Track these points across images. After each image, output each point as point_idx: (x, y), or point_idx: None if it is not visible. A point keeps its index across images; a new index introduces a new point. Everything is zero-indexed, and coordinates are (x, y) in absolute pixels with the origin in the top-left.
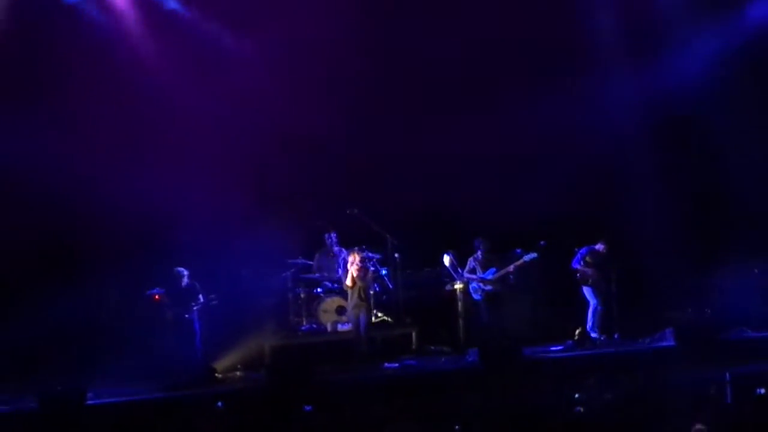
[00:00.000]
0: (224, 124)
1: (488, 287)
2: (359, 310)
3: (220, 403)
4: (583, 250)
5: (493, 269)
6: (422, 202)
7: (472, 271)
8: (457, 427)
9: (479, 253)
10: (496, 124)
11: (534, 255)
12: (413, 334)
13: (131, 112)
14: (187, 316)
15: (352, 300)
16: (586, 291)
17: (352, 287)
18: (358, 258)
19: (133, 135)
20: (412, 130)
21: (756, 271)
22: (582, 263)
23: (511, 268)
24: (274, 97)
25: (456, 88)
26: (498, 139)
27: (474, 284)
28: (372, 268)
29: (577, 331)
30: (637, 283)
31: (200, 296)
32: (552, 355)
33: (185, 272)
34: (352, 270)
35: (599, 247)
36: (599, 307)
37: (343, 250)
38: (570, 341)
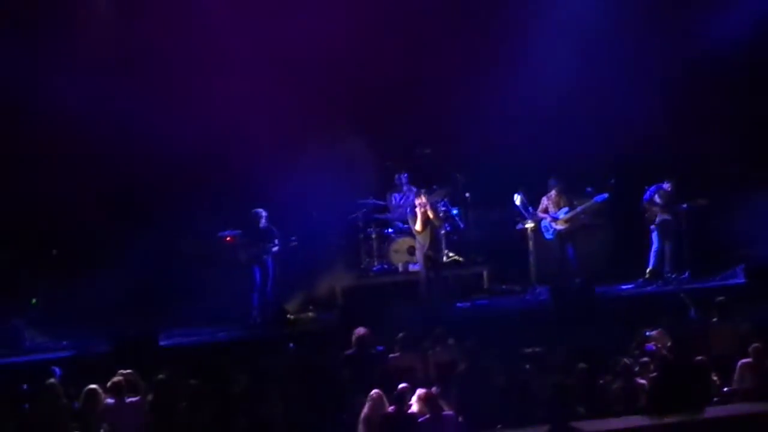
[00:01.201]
0: (297, 69)
1: (560, 226)
2: (430, 255)
3: (291, 345)
4: (651, 189)
5: (566, 208)
6: (493, 141)
7: (545, 209)
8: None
9: (553, 192)
10: (562, 66)
11: (605, 195)
12: (484, 274)
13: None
14: (264, 256)
15: (422, 244)
16: (653, 230)
17: (421, 231)
18: (425, 200)
19: (205, 79)
20: (482, 72)
21: None
22: (650, 202)
23: (580, 209)
24: (346, 41)
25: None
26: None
27: (545, 223)
28: (443, 208)
29: (648, 270)
30: (708, 221)
31: (276, 239)
32: (623, 292)
33: (263, 213)
34: (420, 213)
35: (666, 186)
36: (665, 247)
37: (414, 189)
38: (641, 279)
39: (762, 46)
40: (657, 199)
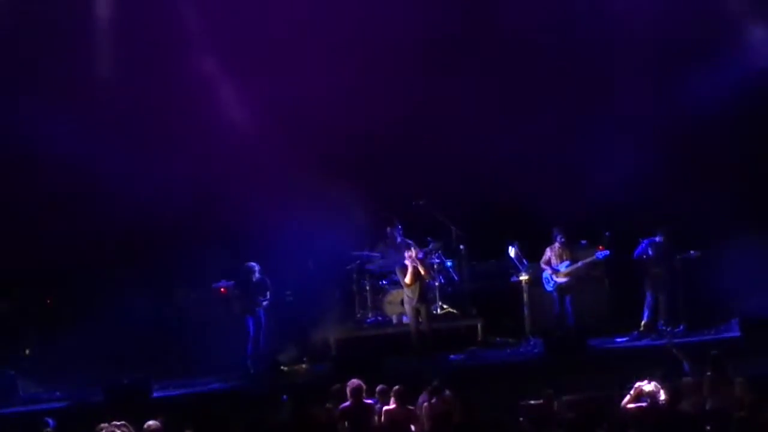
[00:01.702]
0: (294, 122)
1: (560, 279)
2: (419, 308)
3: (285, 397)
4: (644, 242)
5: (568, 261)
6: (487, 194)
7: (548, 261)
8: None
9: (557, 244)
10: (558, 120)
11: (606, 253)
12: (478, 326)
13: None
14: (257, 309)
15: (410, 298)
16: (646, 284)
17: (410, 285)
18: (415, 254)
19: (202, 132)
20: (478, 126)
21: None
22: (643, 255)
23: (581, 264)
24: (341, 93)
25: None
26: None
27: (546, 275)
28: (437, 260)
29: (642, 323)
30: (702, 273)
31: (268, 292)
32: (617, 345)
33: (257, 267)
34: (411, 267)
35: (658, 239)
36: (659, 300)
37: (408, 241)
38: (635, 332)
39: (753, 100)
40: (650, 252)
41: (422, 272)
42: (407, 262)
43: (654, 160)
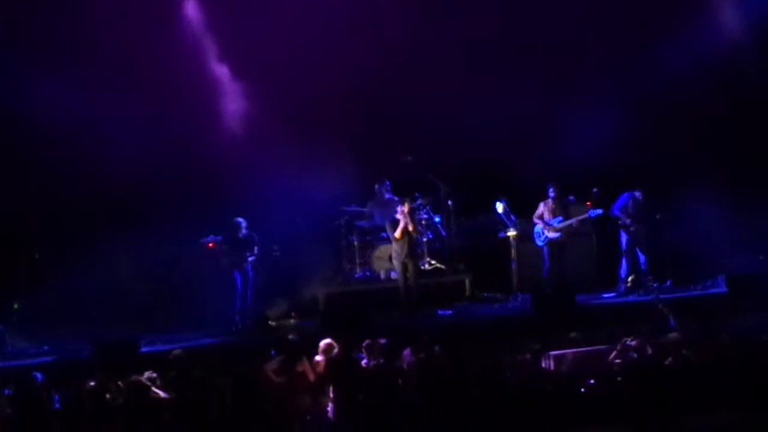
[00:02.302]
0: (281, 77)
1: (552, 234)
2: (407, 263)
3: (273, 351)
4: (623, 197)
5: (560, 217)
6: (475, 150)
7: (540, 216)
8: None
9: (550, 199)
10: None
11: (600, 212)
12: (466, 281)
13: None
14: (244, 264)
15: (399, 253)
16: (623, 238)
17: (399, 239)
18: (407, 209)
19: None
20: (468, 82)
21: None
22: (621, 210)
23: (574, 220)
24: (329, 47)
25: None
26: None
27: (538, 229)
28: (425, 216)
29: (630, 278)
30: (690, 229)
31: (255, 247)
32: (604, 301)
33: (243, 222)
34: (402, 222)
35: (637, 194)
36: (639, 257)
37: (396, 198)
38: (622, 288)
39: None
40: (630, 208)
41: (411, 228)
42: (399, 216)
43: (636, 120)
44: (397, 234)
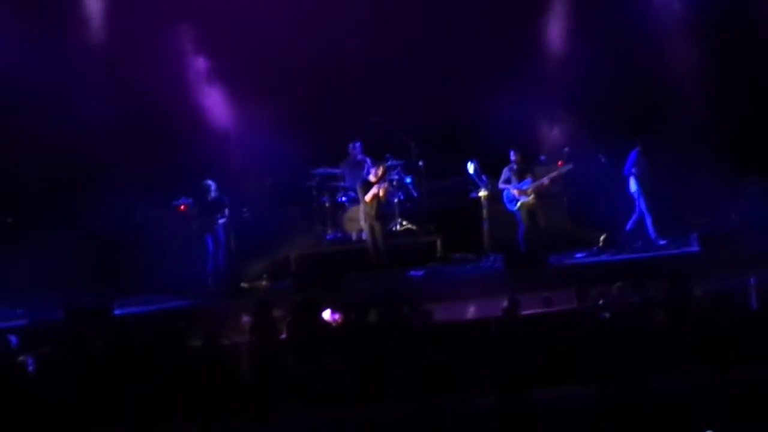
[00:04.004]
0: (254, 34)
1: (523, 197)
2: (374, 226)
3: (245, 317)
4: (632, 154)
5: (529, 179)
6: (446, 111)
7: (507, 181)
8: None
9: (513, 163)
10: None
11: (570, 166)
12: (438, 242)
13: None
14: (214, 227)
15: (367, 214)
16: (639, 196)
17: (369, 202)
18: (381, 172)
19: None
20: (436, 40)
21: None
22: (632, 168)
23: (545, 180)
24: (297, 6)
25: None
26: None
27: (508, 194)
28: (396, 177)
29: (601, 237)
30: (661, 188)
31: (226, 210)
32: (577, 261)
33: (213, 185)
34: (375, 188)
35: (639, 148)
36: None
37: (368, 158)
38: (595, 247)
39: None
40: (638, 164)
41: (381, 194)
42: (371, 178)
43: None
44: (368, 197)
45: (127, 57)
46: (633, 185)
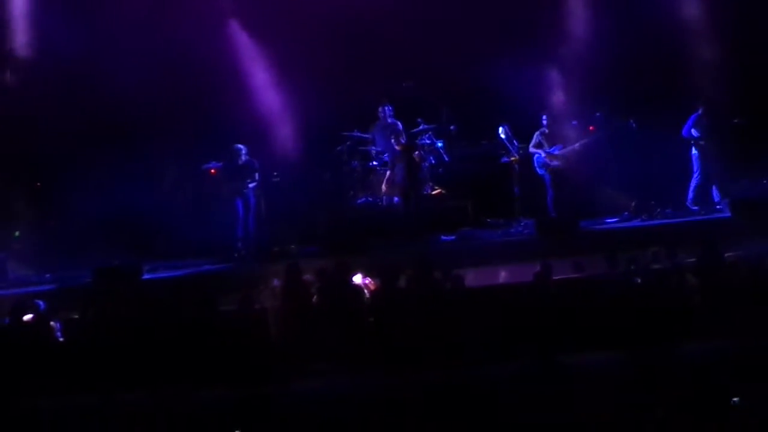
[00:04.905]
0: (283, 5)
1: (553, 162)
2: (408, 191)
3: (276, 281)
4: (691, 118)
5: (560, 145)
6: (478, 76)
7: (538, 145)
8: None
9: (545, 127)
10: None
11: (601, 132)
12: (469, 206)
13: None
14: (244, 191)
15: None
16: (699, 160)
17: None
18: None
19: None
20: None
21: None
22: (691, 131)
23: (577, 145)
24: None
25: None
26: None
27: (539, 158)
28: (428, 141)
29: (632, 203)
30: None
31: (256, 174)
32: (608, 226)
33: (244, 149)
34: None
35: (701, 111)
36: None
37: (398, 122)
38: (626, 212)
39: None
40: (697, 126)
41: (416, 160)
42: (398, 147)
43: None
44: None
45: (158, 19)
46: (693, 149)
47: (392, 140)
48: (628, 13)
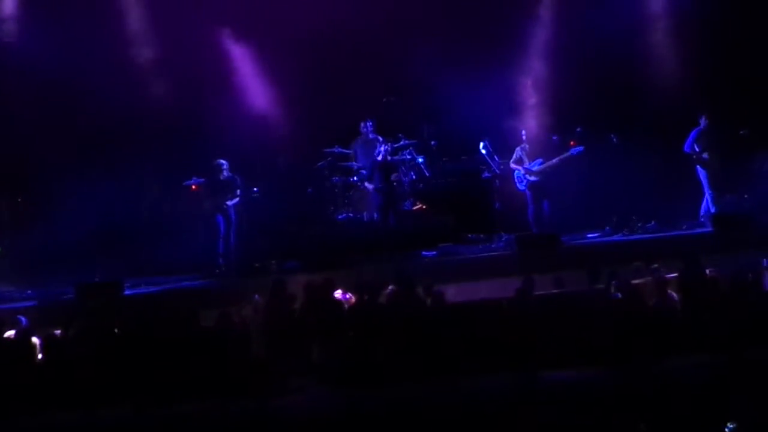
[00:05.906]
0: (261, 15)
1: (533, 178)
2: (387, 206)
3: (257, 296)
4: (692, 133)
5: (540, 160)
6: (458, 91)
7: (519, 161)
8: None
9: (525, 143)
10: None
11: (581, 149)
12: (450, 222)
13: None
14: (225, 207)
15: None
16: (701, 174)
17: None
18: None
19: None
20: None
21: None
22: (694, 146)
23: (556, 161)
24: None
25: None
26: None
27: (519, 174)
28: (408, 157)
29: (614, 219)
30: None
31: (238, 190)
32: (589, 241)
33: (225, 164)
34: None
35: (702, 124)
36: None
37: (380, 137)
38: (607, 228)
39: None
40: (699, 141)
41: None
42: (379, 158)
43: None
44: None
45: (140, 35)
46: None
47: (374, 153)
48: (606, 28)
